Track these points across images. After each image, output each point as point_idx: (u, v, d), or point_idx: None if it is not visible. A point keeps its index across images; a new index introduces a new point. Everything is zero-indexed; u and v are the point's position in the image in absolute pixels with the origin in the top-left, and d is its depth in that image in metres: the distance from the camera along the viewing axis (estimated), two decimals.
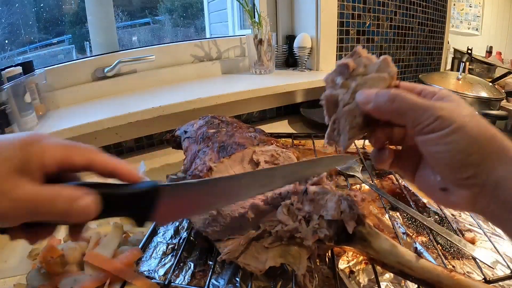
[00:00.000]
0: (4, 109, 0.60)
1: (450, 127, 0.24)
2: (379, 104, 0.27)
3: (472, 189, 0.25)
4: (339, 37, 1.14)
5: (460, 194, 0.26)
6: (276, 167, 0.42)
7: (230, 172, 0.41)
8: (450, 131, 0.24)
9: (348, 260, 0.44)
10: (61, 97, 0.87)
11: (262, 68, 1.06)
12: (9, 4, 0.98)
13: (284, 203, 0.40)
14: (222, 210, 0.40)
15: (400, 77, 1.45)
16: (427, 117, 0.25)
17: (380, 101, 0.27)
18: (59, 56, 1.12)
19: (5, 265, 0.47)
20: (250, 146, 0.43)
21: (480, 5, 2.25)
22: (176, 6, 1.50)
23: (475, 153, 0.24)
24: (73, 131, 0.69)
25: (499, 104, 0.86)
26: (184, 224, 0.53)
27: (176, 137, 0.61)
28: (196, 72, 1.07)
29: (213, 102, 0.83)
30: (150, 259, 0.46)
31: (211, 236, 0.42)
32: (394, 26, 1.31)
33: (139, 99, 0.86)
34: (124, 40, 1.28)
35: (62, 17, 1.10)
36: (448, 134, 0.24)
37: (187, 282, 0.42)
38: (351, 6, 1.14)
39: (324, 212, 0.36)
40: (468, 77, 0.94)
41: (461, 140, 0.24)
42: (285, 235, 0.38)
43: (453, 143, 0.24)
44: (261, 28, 1.01)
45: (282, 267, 0.42)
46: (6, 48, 0.99)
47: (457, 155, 0.24)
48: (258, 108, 1.07)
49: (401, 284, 0.40)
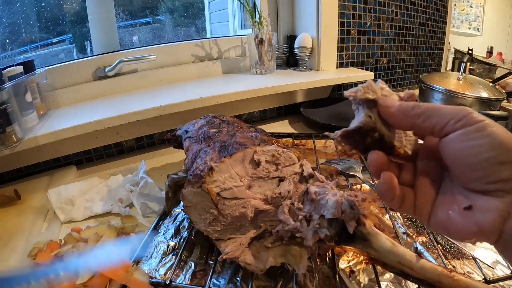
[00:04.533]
0: (5, 108, 0.60)
1: (483, 122, 0.23)
2: (403, 107, 0.26)
3: (505, 198, 0.22)
4: (340, 37, 1.15)
5: (489, 206, 0.22)
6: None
7: (231, 172, 0.41)
8: (483, 125, 0.22)
9: (348, 260, 0.44)
10: (62, 96, 0.87)
11: (263, 68, 1.06)
12: (10, 3, 0.98)
13: (285, 203, 0.40)
14: (223, 210, 0.40)
15: (401, 77, 1.45)
16: (456, 113, 0.24)
17: (404, 105, 0.26)
18: (60, 55, 1.12)
19: (6, 264, 0.47)
20: (251, 146, 0.43)
21: (481, 6, 2.25)
22: (177, 5, 1.50)
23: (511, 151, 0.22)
24: (74, 130, 0.69)
25: (499, 104, 0.86)
26: (185, 224, 0.53)
27: (177, 137, 0.61)
28: (197, 72, 1.07)
29: (214, 102, 0.83)
30: (151, 258, 0.46)
31: (212, 236, 0.42)
32: (395, 26, 1.31)
33: (140, 98, 0.86)
34: (125, 40, 1.29)
35: (63, 16, 1.10)
36: (481, 128, 0.22)
37: (188, 281, 0.42)
38: (352, 6, 1.14)
39: (325, 212, 0.36)
40: (469, 77, 0.94)
41: (495, 134, 0.22)
42: (285, 235, 0.38)
43: (488, 137, 0.22)
44: (262, 28, 1.01)
45: (282, 267, 0.42)
46: (7, 47, 0.99)
47: (493, 150, 0.22)
48: (259, 108, 1.07)
49: (401, 284, 0.40)
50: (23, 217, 0.59)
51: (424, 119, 0.25)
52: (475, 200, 0.23)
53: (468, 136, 0.23)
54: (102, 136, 0.82)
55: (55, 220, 0.58)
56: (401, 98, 0.28)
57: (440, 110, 0.25)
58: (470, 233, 0.23)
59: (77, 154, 0.82)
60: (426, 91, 0.97)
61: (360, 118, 0.28)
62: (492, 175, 0.22)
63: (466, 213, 0.24)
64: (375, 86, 0.29)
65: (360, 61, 1.25)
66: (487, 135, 0.22)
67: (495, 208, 0.22)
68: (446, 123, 0.24)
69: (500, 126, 0.23)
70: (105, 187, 0.64)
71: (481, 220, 0.23)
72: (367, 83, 0.28)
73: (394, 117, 0.27)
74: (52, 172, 0.77)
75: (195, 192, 0.41)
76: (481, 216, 0.23)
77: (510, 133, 0.22)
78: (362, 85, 0.28)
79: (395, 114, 0.27)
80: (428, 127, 0.25)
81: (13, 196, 0.63)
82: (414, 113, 0.25)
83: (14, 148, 0.63)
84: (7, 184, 0.73)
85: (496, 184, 0.22)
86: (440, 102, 0.92)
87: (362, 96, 0.28)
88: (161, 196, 0.60)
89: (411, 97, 0.28)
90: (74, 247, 0.46)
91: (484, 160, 0.22)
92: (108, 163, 0.84)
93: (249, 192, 0.41)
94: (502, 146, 0.22)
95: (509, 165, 0.22)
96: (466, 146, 0.23)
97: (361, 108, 0.29)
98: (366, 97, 0.28)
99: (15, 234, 0.54)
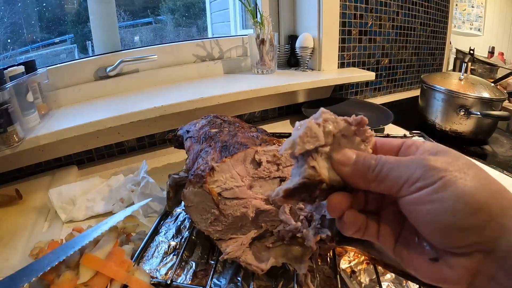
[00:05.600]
0: (6, 108, 0.60)
1: (443, 179, 0.19)
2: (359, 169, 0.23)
3: (473, 256, 0.19)
4: (341, 37, 1.15)
5: (457, 264, 0.20)
6: None
7: (232, 172, 0.41)
8: (443, 185, 0.19)
9: (349, 260, 0.44)
10: (63, 96, 0.87)
11: (264, 68, 1.06)
12: (11, 3, 0.98)
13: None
14: (224, 210, 0.40)
15: (402, 77, 1.45)
16: (413, 171, 0.20)
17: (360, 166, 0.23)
18: (61, 55, 1.12)
19: (7, 263, 0.47)
20: (252, 146, 0.43)
21: (482, 6, 2.25)
22: (178, 5, 1.50)
23: (476, 213, 0.19)
24: (75, 130, 0.69)
25: (501, 104, 0.86)
26: (186, 224, 0.53)
27: (178, 137, 0.61)
28: (198, 72, 1.07)
29: (215, 102, 0.83)
30: (152, 258, 0.46)
31: (213, 236, 0.42)
32: (396, 26, 1.31)
33: (141, 98, 0.87)
34: (126, 40, 1.29)
35: (64, 16, 1.10)
36: (440, 189, 0.19)
37: (189, 281, 0.42)
38: (353, 6, 1.14)
39: (326, 212, 0.36)
40: (470, 77, 0.93)
41: (458, 196, 0.19)
42: (286, 235, 0.38)
43: (448, 200, 0.19)
44: (263, 28, 1.01)
45: (283, 267, 0.42)
46: (9, 47, 0.99)
47: (453, 216, 0.19)
48: (260, 108, 1.07)
49: (402, 284, 0.40)
50: (24, 217, 0.59)
51: (378, 183, 0.22)
52: (442, 254, 0.21)
53: (425, 199, 0.20)
54: (104, 136, 0.82)
55: (56, 219, 0.58)
56: (349, 122, 0.24)
57: (394, 170, 0.21)
58: (436, 281, 0.22)
59: (79, 154, 0.82)
60: (428, 91, 0.97)
61: (302, 172, 0.23)
62: (455, 242, 0.19)
63: (432, 263, 0.21)
64: (314, 128, 0.23)
65: (362, 61, 1.25)
66: (448, 197, 0.19)
67: (463, 266, 0.20)
68: (401, 187, 0.21)
69: (469, 175, 0.19)
70: (106, 187, 0.64)
71: (448, 274, 0.20)
72: (304, 129, 0.23)
73: (349, 177, 0.24)
74: (53, 172, 0.77)
75: (196, 192, 0.41)
76: (447, 270, 0.20)
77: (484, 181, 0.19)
78: (299, 134, 0.23)
79: (350, 175, 0.23)
80: (383, 191, 0.22)
81: (15, 196, 0.64)
82: (368, 178, 0.23)
83: (16, 148, 0.63)
84: (9, 184, 0.73)
85: (461, 248, 0.20)
86: (442, 102, 0.92)
87: (301, 151, 0.23)
88: (162, 196, 0.60)
89: (360, 123, 0.24)
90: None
91: (445, 226, 0.19)
92: (109, 163, 0.84)
93: (250, 192, 0.41)
94: (465, 209, 0.19)
95: (475, 229, 0.19)
96: (423, 210, 0.20)
97: (301, 159, 0.24)
98: (305, 149, 0.23)
99: (16, 234, 0.54)
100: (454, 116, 0.90)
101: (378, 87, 1.38)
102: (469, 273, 0.20)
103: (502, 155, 0.84)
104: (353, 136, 0.25)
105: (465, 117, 0.87)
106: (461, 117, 0.88)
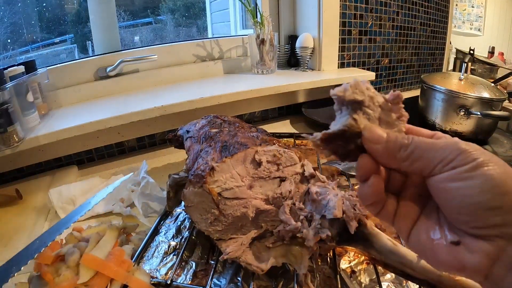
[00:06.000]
0: (6, 108, 0.60)
1: (476, 160, 0.20)
2: (390, 148, 0.23)
3: (495, 241, 0.20)
4: (341, 37, 1.14)
5: (478, 247, 0.20)
6: None
7: (232, 172, 0.41)
8: (476, 165, 0.20)
9: (349, 260, 0.44)
10: (63, 96, 0.87)
11: (264, 68, 1.06)
12: (12, 3, 0.98)
13: (286, 203, 0.40)
14: (224, 210, 0.40)
15: (402, 77, 1.45)
16: (446, 155, 0.21)
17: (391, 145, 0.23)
18: (61, 55, 1.12)
19: None
20: (252, 146, 0.43)
21: (482, 6, 2.25)
22: (178, 6, 1.50)
23: (503, 196, 0.19)
24: (75, 130, 0.69)
25: (501, 104, 0.86)
26: (186, 224, 0.53)
27: (178, 137, 0.61)
28: (198, 72, 1.07)
29: (215, 102, 0.83)
30: (152, 258, 0.46)
31: (213, 236, 0.42)
32: (396, 26, 1.31)
33: (141, 98, 0.87)
34: (126, 40, 1.29)
35: (64, 16, 1.10)
36: (473, 169, 0.20)
37: (189, 281, 0.42)
38: (353, 6, 1.14)
39: (326, 212, 0.36)
40: (470, 77, 0.93)
41: (488, 177, 0.20)
42: (287, 235, 0.38)
43: (478, 179, 0.20)
44: (263, 28, 1.01)
45: (283, 267, 0.42)
46: (9, 47, 0.99)
47: (482, 195, 0.20)
48: (260, 108, 1.07)
49: (402, 284, 0.40)
50: (24, 217, 0.59)
51: (411, 162, 0.23)
52: (464, 237, 0.21)
53: (457, 177, 0.21)
54: (104, 136, 0.82)
55: (56, 219, 0.58)
56: (386, 100, 0.25)
57: (429, 151, 0.22)
58: (453, 268, 0.22)
59: (79, 154, 0.82)
60: (428, 91, 0.97)
61: (343, 121, 0.25)
62: (480, 221, 0.20)
63: (452, 248, 0.22)
64: (362, 87, 0.25)
65: (362, 61, 1.25)
66: (479, 177, 0.20)
67: (484, 250, 0.20)
68: (435, 167, 0.22)
69: (498, 164, 0.20)
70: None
71: (467, 260, 0.21)
72: (354, 82, 0.25)
73: (380, 155, 0.24)
74: (53, 172, 0.77)
75: (196, 192, 0.41)
76: (468, 255, 0.21)
77: (510, 172, 0.20)
78: (350, 84, 0.25)
79: (381, 153, 0.24)
80: (415, 170, 0.23)
81: (15, 196, 0.64)
82: (400, 157, 0.23)
83: (16, 148, 0.63)
84: (9, 184, 0.73)
85: (485, 229, 0.20)
86: (442, 102, 0.92)
87: (350, 97, 0.24)
88: (162, 196, 0.60)
89: (397, 98, 0.25)
90: (75, 247, 0.46)
91: (472, 204, 0.20)
92: (109, 163, 0.84)
93: (250, 192, 0.41)
94: (494, 190, 0.19)
95: (500, 211, 0.19)
96: (453, 187, 0.21)
97: (345, 110, 0.25)
98: (354, 98, 0.25)
99: (16, 234, 0.54)
100: (454, 116, 0.90)
101: (378, 87, 1.38)
102: (489, 260, 0.20)
103: (502, 155, 0.84)
104: (389, 111, 0.26)
105: (465, 117, 0.87)
106: (461, 117, 0.88)
